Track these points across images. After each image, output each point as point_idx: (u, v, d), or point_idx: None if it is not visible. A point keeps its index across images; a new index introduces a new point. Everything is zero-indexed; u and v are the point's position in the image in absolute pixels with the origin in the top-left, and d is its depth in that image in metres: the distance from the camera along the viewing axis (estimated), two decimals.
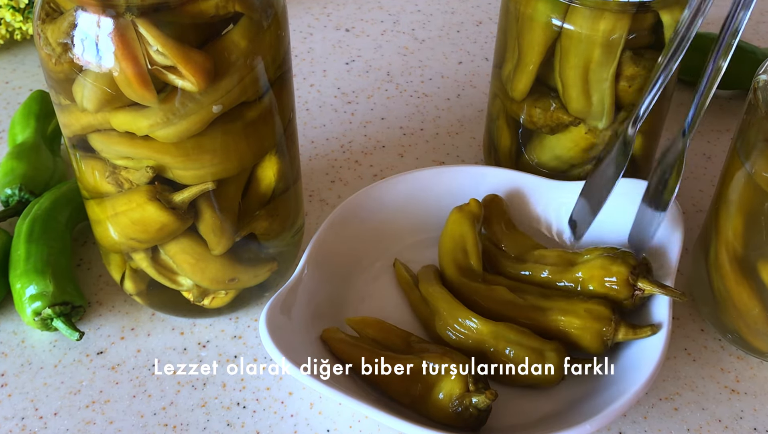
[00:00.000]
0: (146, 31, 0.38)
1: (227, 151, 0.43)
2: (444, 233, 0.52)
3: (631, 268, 0.48)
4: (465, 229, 0.51)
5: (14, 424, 0.47)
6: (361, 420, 0.47)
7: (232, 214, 0.46)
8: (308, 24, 0.80)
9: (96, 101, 0.40)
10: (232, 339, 0.51)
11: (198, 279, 0.48)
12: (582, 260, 0.49)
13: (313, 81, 0.73)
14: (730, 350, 0.51)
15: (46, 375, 0.49)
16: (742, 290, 0.47)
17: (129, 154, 0.42)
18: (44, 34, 0.40)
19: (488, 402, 0.43)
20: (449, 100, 0.71)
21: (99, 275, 0.55)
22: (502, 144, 0.59)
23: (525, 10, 0.51)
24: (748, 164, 0.45)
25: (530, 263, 0.51)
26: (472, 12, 0.82)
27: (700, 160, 0.65)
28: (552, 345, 0.46)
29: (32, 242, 0.52)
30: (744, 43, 0.69)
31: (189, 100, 0.40)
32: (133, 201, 0.44)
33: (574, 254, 0.50)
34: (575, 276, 0.49)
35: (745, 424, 0.48)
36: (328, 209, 0.60)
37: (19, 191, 0.56)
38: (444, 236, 0.52)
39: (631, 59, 0.50)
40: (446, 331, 0.47)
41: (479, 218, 0.52)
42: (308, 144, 0.66)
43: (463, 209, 0.52)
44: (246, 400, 0.48)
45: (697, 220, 0.60)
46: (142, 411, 0.47)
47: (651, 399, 0.49)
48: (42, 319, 0.50)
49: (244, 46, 0.40)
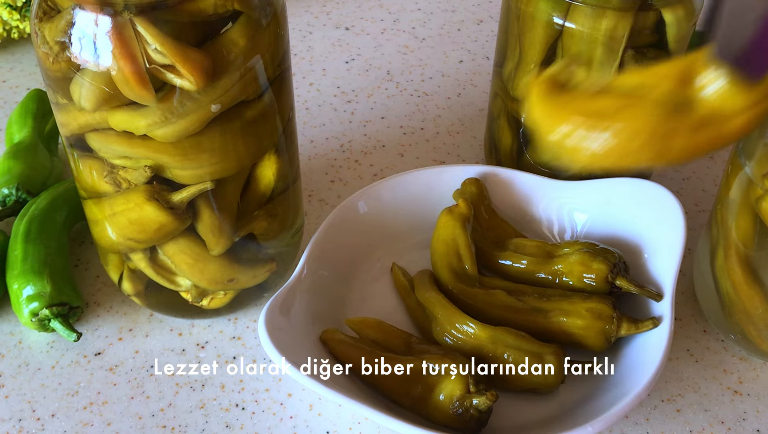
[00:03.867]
0: (144, 29, 0.37)
1: (226, 150, 0.43)
2: (435, 236, 0.52)
3: (611, 266, 0.48)
4: (457, 232, 0.51)
5: (11, 426, 0.46)
6: (361, 421, 0.47)
7: (230, 214, 0.46)
8: (308, 22, 0.80)
9: (94, 100, 0.40)
10: (231, 340, 0.51)
11: (196, 280, 0.48)
12: (561, 253, 0.50)
13: (313, 80, 0.72)
14: (733, 351, 0.51)
15: (43, 377, 0.49)
16: (754, 294, 0.47)
17: (127, 153, 0.42)
18: (42, 33, 0.40)
19: (489, 404, 0.43)
20: (450, 99, 0.70)
21: (97, 275, 0.55)
22: (503, 143, 0.58)
23: (526, 9, 0.51)
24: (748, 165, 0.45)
25: (509, 252, 0.51)
26: (472, 10, 0.82)
27: (703, 159, 0.65)
28: (551, 348, 0.46)
29: (29, 242, 0.51)
30: None
31: (187, 99, 0.40)
32: (131, 201, 0.43)
33: (554, 246, 0.51)
34: (554, 269, 0.49)
35: (748, 426, 0.47)
36: (327, 209, 0.60)
37: (16, 190, 0.56)
38: (436, 240, 0.52)
39: (633, 58, 0.50)
40: (444, 337, 0.47)
41: (470, 218, 0.52)
42: (308, 143, 0.65)
43: (453, 211, 0.51)
44: (245, 401, 0.48)
45: (700, 220, 0.59)
46: (140, 413, 0.47)
47: (653, 401, 0.48)
48: (39, 320, 0.49)
49: (242, 45, 0.40)
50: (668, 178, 0.63)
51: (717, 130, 0.33)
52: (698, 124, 0.33)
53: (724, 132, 0.34)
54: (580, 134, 0.34)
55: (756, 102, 0.33)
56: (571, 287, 0.49)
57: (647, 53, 0.50)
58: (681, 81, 0.33)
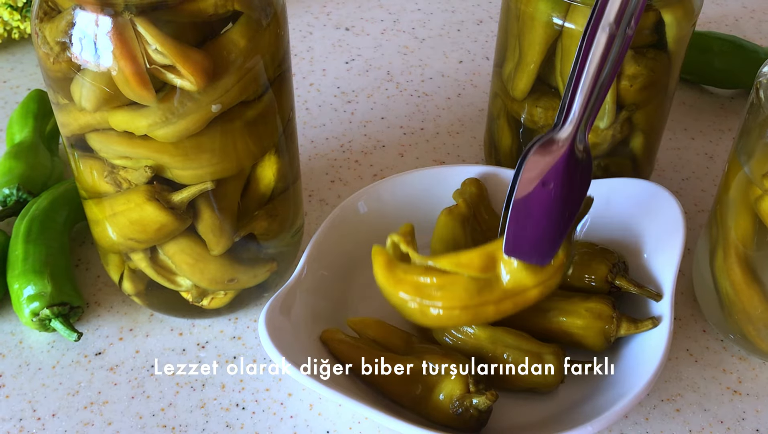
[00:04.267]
0: (145, 29, 0.38)
1: (226, 150, 0.43)
2: (435, 237, 0.51)
3: (610, 266, 0.48)
4: (457, 232, 0.51)
5: (12, 425, 0.46)
6: (361, 421, 0.47)
7: (231, 214, 0.46)
8: (308, 23, 0.80)
9: (94, 100, 0.40)
10: (232, 340, 0.51)
11: (197, 280, 0.48)
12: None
13: (313, 80, 0.72)
14: (732, 351, 0.51)
15: (44, 376, 0.49)
16: (753, 294, 0.47)
17: (127, 153, 0.42)
18: (42, 33, 0.40)
19: (489, 403, 0.43)
20: (450, 99, 0.70)
21: (97, 275, 0.55)
22: (503, 144, 0.58)
23: (526, 9, 0.51)
24: (747, 165, 0.45)
25: None
26: (472, 11, 0.82)
27: (702, 159, 0.65)
28: (550, 348, 0.46)
29: (30, 242, 0.52)
30: (746, 42, 0.69)
31: (188, 100, 0.40)
32: (132, 201, 0.43)
33: None
34: None
35: (748, 425, 0.47)
36: (327, 209, 0.60)
37: (17, 190, 0.56)
38: (435, 240, 0.51)
39: (632, 58, 0.50)
40: (443, 337, 0.47)
41: (469, 219, 0.52)
42: (308, 144, 0.65)
43: (452, 211, 0.51)
44: (245, 401, 0.48)
45: (699, 220, 0.59)
46: (141, 412, 0.47)
47: (653, 401, 0.48)
48: (40, 320, 0.49)
49: (243, 45, 0.40)
50: (668, 178, 0.63)
51: (518, 300, 0.42)
52: (502, 297, 0.42)
53: (525, 301, 0.43)
54: (415, 303, 0.42)
55: (545, 279, 0.42)
56: (571, 287, 0.49)
57: (647, 53, 0.50)
58: (485, 267, 0.42)
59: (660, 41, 0.50)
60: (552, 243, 0.42)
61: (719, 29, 0.80)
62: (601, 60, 0.41)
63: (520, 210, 0.42)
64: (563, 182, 0.42)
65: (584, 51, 0.41)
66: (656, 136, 0.57)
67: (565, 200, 0.42)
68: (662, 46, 0.50)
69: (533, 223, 0.42)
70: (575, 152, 0.42)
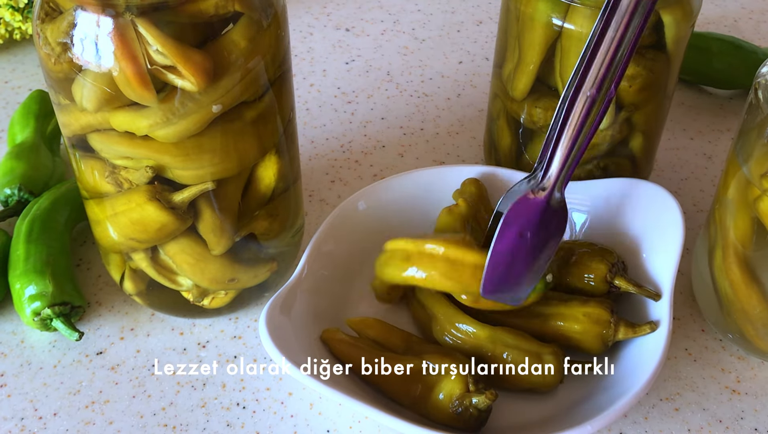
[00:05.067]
0: (146, 30, 0.38)
1: (227, 151, 0.43)
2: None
3: (609, 266, 0.48)
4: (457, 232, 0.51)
5: (13, 425, 0.47)
6: (361, 420, 0.47)
7: (231, 214, 0.46)
8: (308, 23, 0.80)
9: (95, 101, 0.40)
10: (232, 339, 0.51)
11: (197, 279, 0.48)
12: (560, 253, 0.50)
13: (313, 81, 0.73)
14: (731, 350, 0.51)
15: (45, 376, 0.49)
16: (752, 293, 0.47)
17: (128, 154, 0.42)
18: (43, 34, 0.40)
19: (488, 403, 0.43)
20: (449, 99, 0.71)
21: (98, 275, 0.55)
22: (503, 144, 0.59)
23: (525, 10, 0.51)
24: (746, 166, 0.45)
25: None
26: (472, 11, 0.82)
27: (701, 160, 0.65)
28: (550, 348, 0.46)
29: (31, 242, 0.52)
30: (745, 43, 0.69)
31: (188, 100, 0.40)
32: (133, 201, 0.44)
33: None
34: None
35: (746, 425, 0.48)
36: (328, 209, 0.60)
37: (19, 190, 0.56)
38: None
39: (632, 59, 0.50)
40: (443, 336, 0.47)
41: (469, 219, 0.52)
42: (308, 144, 0.65)
43: (452, 210, 0.51)
44: (246, 400, 0.48)
45: (698, 220, 0.59)
46: (142, 412, 0.47)
47: (652, 400, 0.49)
48: (41, 319, 0.49)
49: (243, 46, 0.40)
50: (666, 178, 0.63)
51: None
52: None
53: None
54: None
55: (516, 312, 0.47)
56: (570, 288, 0.49)
57: (646, 54, 0.50)
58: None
59: (659, 42, 0.50)
60: (527, 286, 0.46)
61: (718, 30, 0.80)
62: (580, 122, 0.44)
63: (498, 257, 0.44)
64: (539, 232, 0.45)
65: (565, 112, 0.44)
66: (655, 136, 0.57)
67: (540, 248, 0.45)
68: (661, 46, 0.50)
69: (509, 269, 0.45)
70: (551, 205, 0.45)
